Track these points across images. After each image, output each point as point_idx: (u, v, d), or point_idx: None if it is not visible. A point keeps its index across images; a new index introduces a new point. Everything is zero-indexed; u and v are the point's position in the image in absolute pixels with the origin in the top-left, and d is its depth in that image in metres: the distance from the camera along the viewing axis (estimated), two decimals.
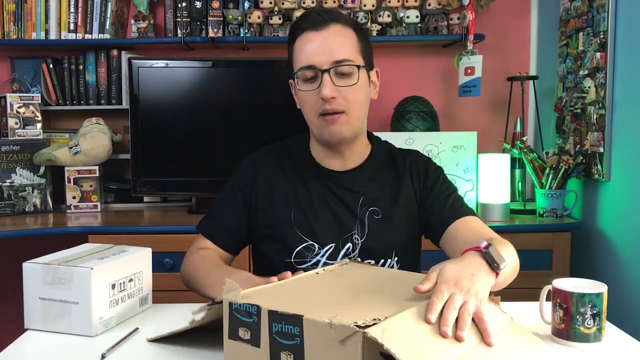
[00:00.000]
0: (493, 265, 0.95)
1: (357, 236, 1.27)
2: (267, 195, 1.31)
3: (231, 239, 1.32)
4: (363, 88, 1.25)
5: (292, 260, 1.26)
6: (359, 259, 1.20)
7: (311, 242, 1.26)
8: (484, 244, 0.97)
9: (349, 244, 1.27)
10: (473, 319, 0.86)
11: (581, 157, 2.07)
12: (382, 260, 1.27)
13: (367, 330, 0.72)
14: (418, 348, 0.75)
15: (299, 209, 1.28)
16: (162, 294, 1.37)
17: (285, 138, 1.41)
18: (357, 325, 0.73)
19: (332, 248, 1.26)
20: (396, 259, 1.28)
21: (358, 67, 1.22)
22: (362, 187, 1.30)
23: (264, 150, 1.39)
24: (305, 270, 1.11)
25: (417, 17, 2.39)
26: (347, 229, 1.27)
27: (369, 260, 1.25)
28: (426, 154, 2.17)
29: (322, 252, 1.26)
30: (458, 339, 0.82)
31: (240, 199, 1.32)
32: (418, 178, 1.32)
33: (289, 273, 1.00)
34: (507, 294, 1.06)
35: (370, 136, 1.37)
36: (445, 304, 0.84)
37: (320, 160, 1.32)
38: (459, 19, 2.40)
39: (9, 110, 2.31)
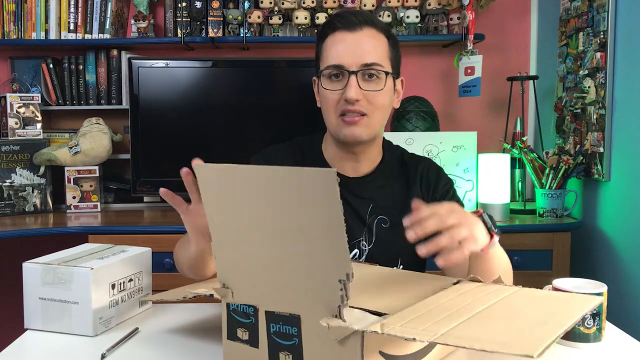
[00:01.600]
0: (489, 227, 0.99)
1: (364, 243, 1.27)
2: None
3: None
4: (387, 94, 1.24)
5: None
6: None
7: None
8: (481, 210, 1.02)
9: (356, 250, 1.27)
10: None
11: (581, 157, 2.07)
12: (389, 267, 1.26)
13: (366, 328, 0.72)
14: (422, 325, 0.74)
15: None
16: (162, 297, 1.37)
17: (295, 136, 1.39)
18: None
19: None
20: (402, 267, 1.27)
21: (386, 73, 1.22)
22: (372, 194, 1.29)
23: (275, 147, 1.36)
24: None
25: (417, 17, 2.39)
26: (354, 235, 1.27)
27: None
28: (426, 154, 2.21)
29: None
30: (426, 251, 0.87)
31: None
32: (427, 187, 1.31)
33: None
34: None
35: (382, 142, 1.35)
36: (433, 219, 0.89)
37: (332, 163, 1.31)
38: (459, 19, 2.40)
39: (9, 110, 2.31)
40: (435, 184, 1.32)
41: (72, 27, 2.41)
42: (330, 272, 0.74)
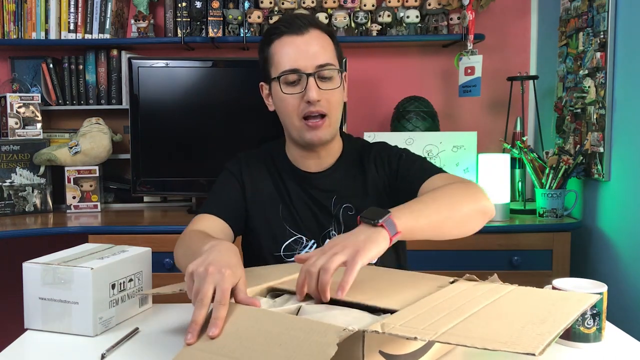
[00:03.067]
0: (373, 222, 0.95)
1: (334, 232, 1.31)
2: (255, 190, 1.35)
3: (233, 212, 1.31)
4: (341, 91, 1.29)
5: (282, 253, 1.30)
6: None
7: (300, 236, 1.30)
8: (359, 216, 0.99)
9: (328, 240, 1.29)
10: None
11: (581, 157, 2.07)
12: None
13: (366, 328, 0.72)
14: (422, 324, 0.75)
15: (285, 206, 1.33)
16: (162, 294, 1.37)
17: (263, 144, 1.45)
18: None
19: (315, 244, 1.31)
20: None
21: (339, 71, 1.27)
22: (335, 186, 1.33)
23: (246, 152, 1.42)
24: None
25: (417, 17, 2.39)
26: (324, 226, 1.31)
27: None
28: (426, 154, 2.21)
29: (310, 244, 1.30)
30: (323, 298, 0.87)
31: (236, 184, 1.35)
32: (382, 165, 1.34)
33: (257, 302, 0.89)
34: None
35: (342, 135, 1.40)
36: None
37: (296, 162, 1.36)
38: (459, 18, 2.40)
39: (9, 110, 2.31)
40: (388, 159, 1.34)
41: (72, 27, 2.41)
42: None
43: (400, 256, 1.37)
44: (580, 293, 0.93)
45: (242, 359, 0.73)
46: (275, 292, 0.99)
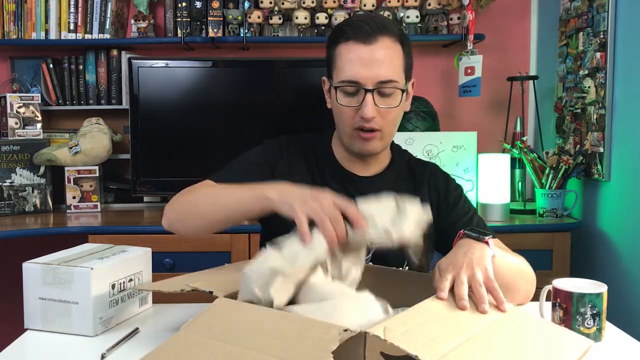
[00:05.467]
0: (478, 238, 1.02)
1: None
2: (289, 181, 1.30)
3: None
4: (401, 108, 1.24)
5: None
6: (371, 263, 1.22)
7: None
8: (462, 231, 1.06)
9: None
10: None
11: (581, 157, 2.07)
12: (394, 267, 1.27)
13: (368, 330, 0.72)
14: (423, 337, 0.75)
15: None
16: (162, 294, 1.37)
17: (304, 132, 1.39)
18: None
19: None
20: (407, 267, 1.28)
21: (402, 90, 1.21)
22: (379, 195, 1.30)
23: (288, 137, 1.36)
24: None
25: (417, 17, 2.39)
26: None
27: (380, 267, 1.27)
28: (426, 154, 2.21)
29: None
30: (482, 312, 0.88)
31: (264, 170, 1.29)
32: (437, 194, 1.32)
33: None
34: None
35: (391, 144, 1.36)
36: (454, 283, 0.92)
37: (342, 162, 1.32)
38: (459, 19, 2.40)
39: (9, 110, 2.31)
40: (445, 192, 1.33)
41: (72, 27, 2.41)
42: None
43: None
44: (576, 335, 0.94)
45: (240, 345, 0.73)
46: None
